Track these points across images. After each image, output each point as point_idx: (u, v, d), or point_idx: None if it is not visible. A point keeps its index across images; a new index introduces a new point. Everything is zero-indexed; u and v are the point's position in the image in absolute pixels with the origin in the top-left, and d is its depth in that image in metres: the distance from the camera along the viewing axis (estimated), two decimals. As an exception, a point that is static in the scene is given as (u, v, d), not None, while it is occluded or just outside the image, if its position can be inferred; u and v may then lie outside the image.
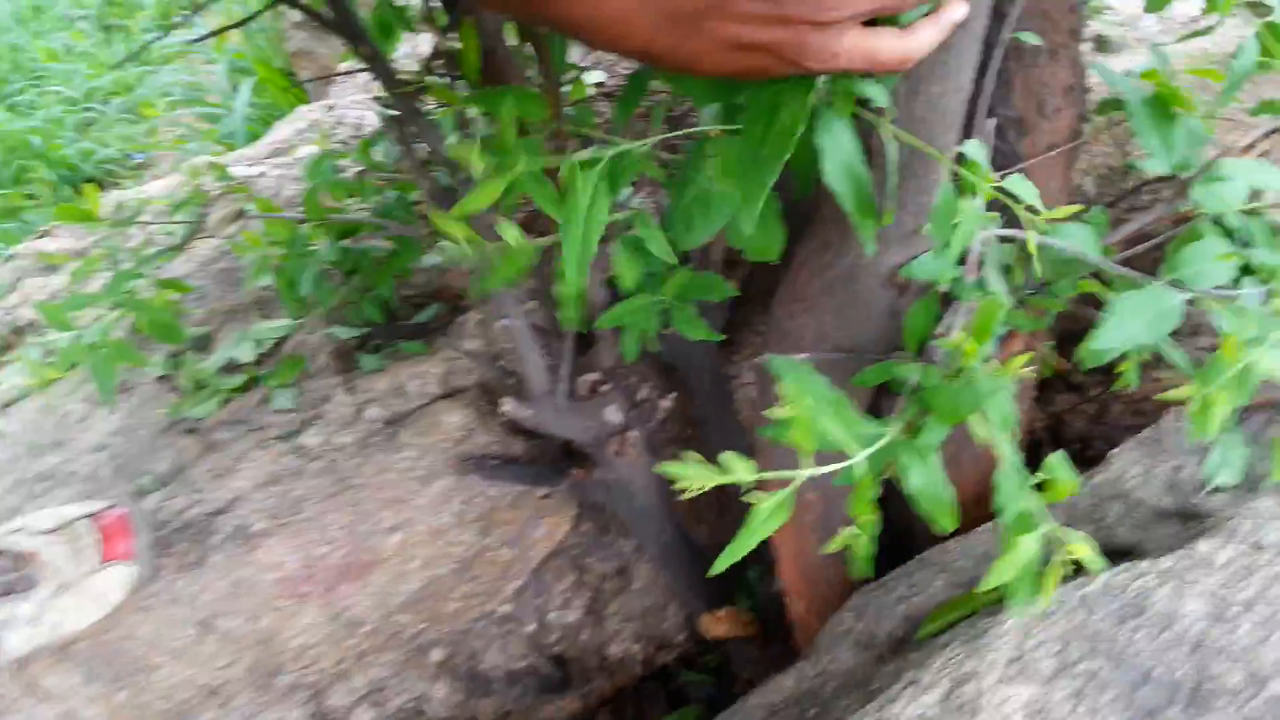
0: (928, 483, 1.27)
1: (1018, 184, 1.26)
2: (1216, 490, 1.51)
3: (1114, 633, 1.24)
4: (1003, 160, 1.54)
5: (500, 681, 2.45)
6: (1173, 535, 1.45)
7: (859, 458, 1.17)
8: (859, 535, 1.21)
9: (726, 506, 2.59)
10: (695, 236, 1.21)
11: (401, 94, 1.46)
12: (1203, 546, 1.32)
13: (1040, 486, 1.18)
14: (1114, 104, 1.59)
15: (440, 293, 2.18)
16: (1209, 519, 1.45)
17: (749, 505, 1.03)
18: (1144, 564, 1.34)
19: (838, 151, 1.07)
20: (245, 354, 2.19)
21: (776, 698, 1.79)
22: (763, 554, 2.64)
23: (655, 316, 1.56)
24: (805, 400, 1.10)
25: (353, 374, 2.07)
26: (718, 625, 2.28)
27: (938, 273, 1.43)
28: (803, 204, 1.87)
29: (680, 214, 1.19)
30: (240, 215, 2.57)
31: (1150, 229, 1.60)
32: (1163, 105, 1.42)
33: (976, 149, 1.23)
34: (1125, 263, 1.34)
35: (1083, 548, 1.16)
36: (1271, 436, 1.58)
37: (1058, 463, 1.26)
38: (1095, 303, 1.44)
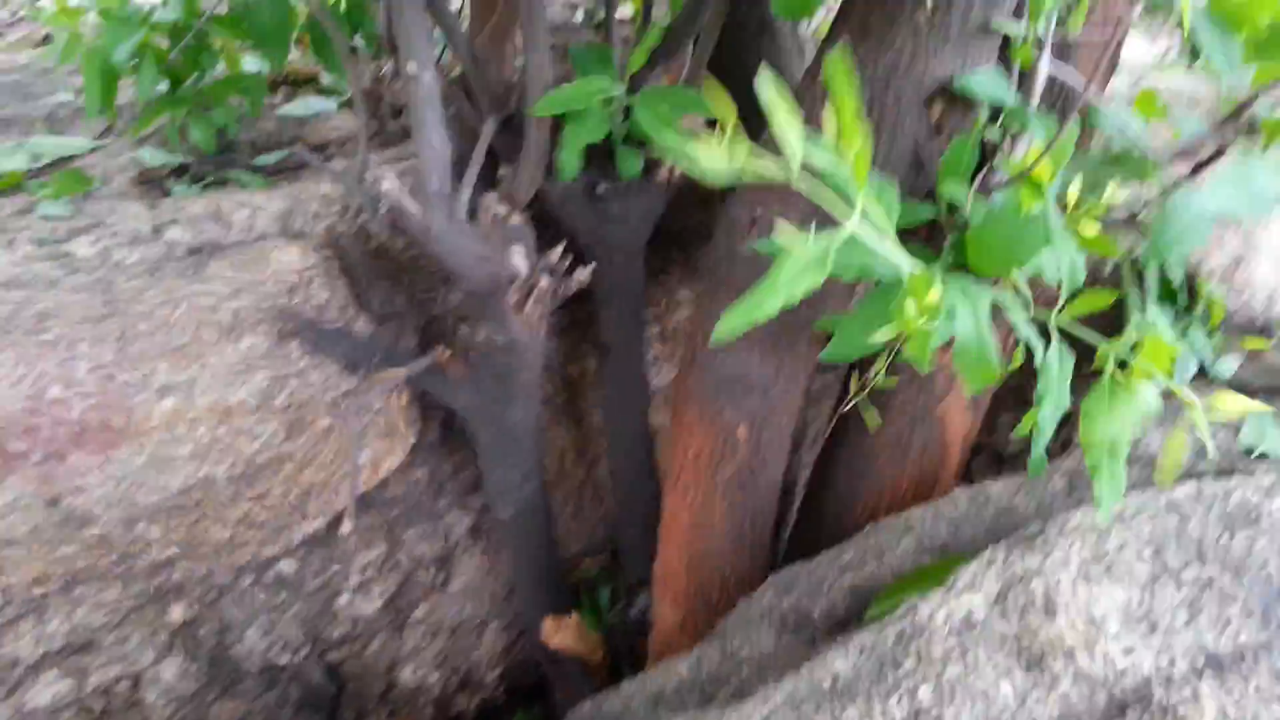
0: (970, 330, 0.92)
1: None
2: (1262, 457, 1.26)
3: (1224, 541, 0.89)
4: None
5: (253, 678, 1.84)
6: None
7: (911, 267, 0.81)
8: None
9: (594, 487, 2.11)
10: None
11: None
12: (1310, 469, 1.02)
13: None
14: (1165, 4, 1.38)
15: (291, 143, 1.71)
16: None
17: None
18: (1235, 479, 1.02)
19: None
20: (17, 163, 1.63)
21: (666, 685, 1.34)
22: (616, 575, 2.20)
23: (604, 121, 1.18)
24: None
25: (158, 198, 1.55)
26: (560, 633, 1.79)
27: (998, 92, 1.12)
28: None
29: None
30: (47, 39, 2.04)
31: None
32: (1227, 18, 1.26)
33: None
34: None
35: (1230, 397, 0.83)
36: None
37: (1153, 319, 0.94)
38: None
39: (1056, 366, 0.97)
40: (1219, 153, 1.35)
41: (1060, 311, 0.98)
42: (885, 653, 0.87)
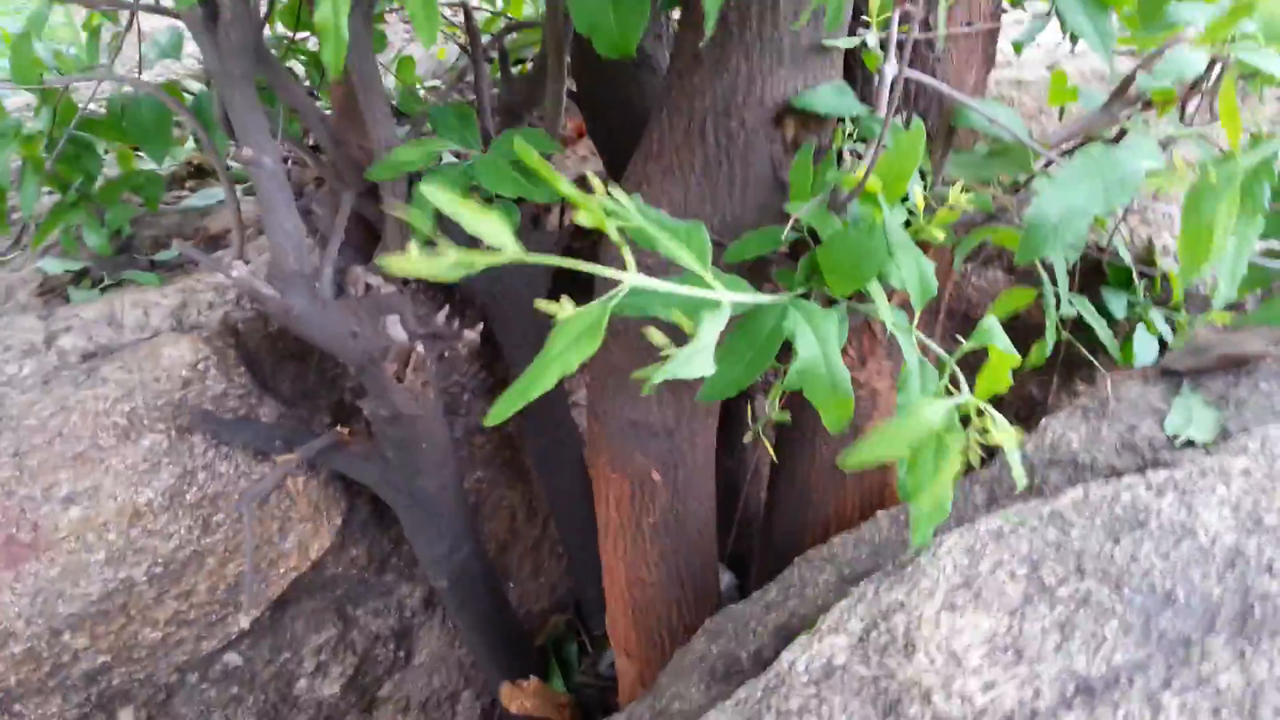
0: (817, 357, 0.88)
1: None
2: (1189, 444, 1.20)
3: (1107, 550, 0.84)
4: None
5: (222, 776, 1.80)
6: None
7: (725, 298, 0.77)
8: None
9: (535, 520, 2.06)
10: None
11: None
12: (1209, 461, 0.97)
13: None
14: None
15: (194, 235, 1.69)
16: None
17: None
18: (1128, 477, 0.97)
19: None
20: (-84, 287, 1.63)
21: (592, 749, 1.28)
22: (579, 627, 2.15)
23: (457, 179, 1.15)
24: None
25: (55, 307, 1.53)
26: (519, 698, 1.74)
27: (841, 106, 1.09)
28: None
29: None
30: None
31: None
32: None
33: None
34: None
35: (999, 424, 0.77)
36: (1235, 397, 1.30)
37: (990, 327, 0.89)
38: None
39: (917, 382, 0.92)
40: (1122, 132, 1.30)
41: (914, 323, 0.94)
42: (753, 709, 0.83)
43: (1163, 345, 1.90)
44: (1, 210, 1.54)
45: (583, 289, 1.87)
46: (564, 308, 0.67)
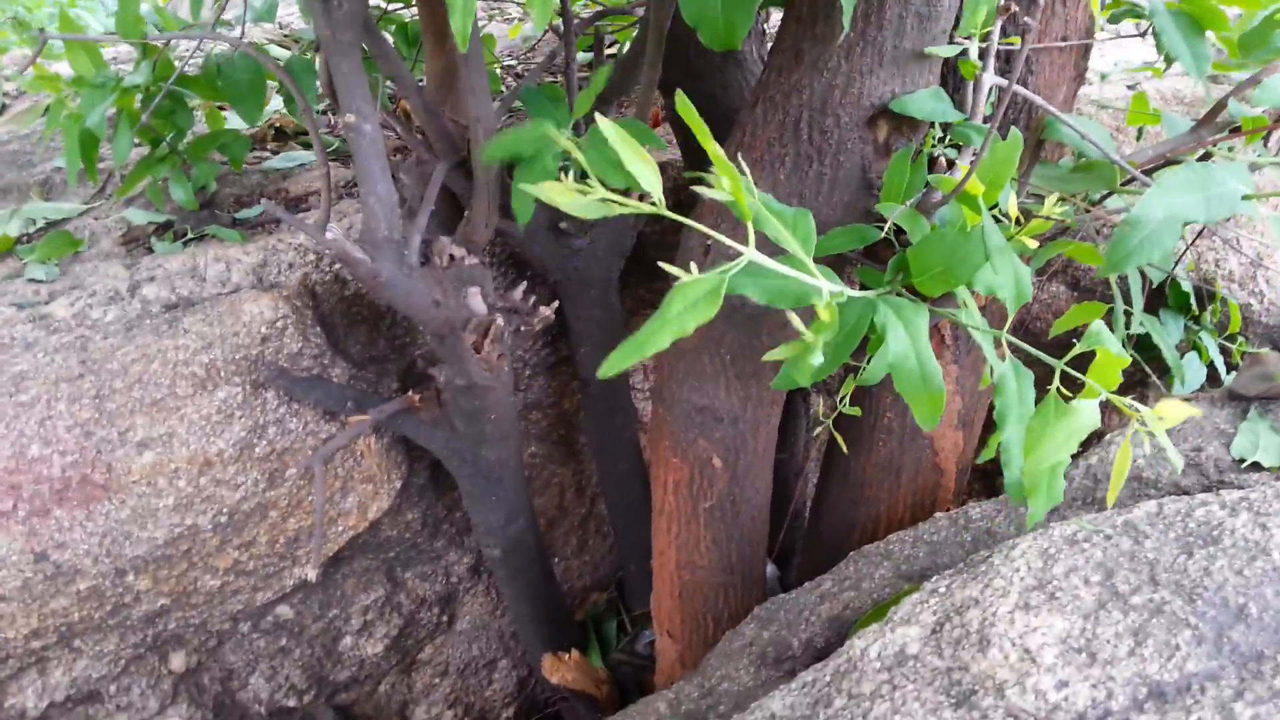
0: (908, 351, 0.90)
1: None
2: (1255, 467, 1.21)
3: (1181, 563, 0.86)
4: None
5: (261, 725, 1.84)
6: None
7: (825, 287, 0.79)
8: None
9: (584, 505, 2.09)
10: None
11: None
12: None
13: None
14: (1134, 11, 1.35)
15: (275, 196, 1.73)
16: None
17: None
18: (1201, 495, 0.98)
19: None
20: (11, 229, 1.67)
21: (642, 723, 1.31)
22: (622, 609, 2.18)
23: (553, 163, 1.17)
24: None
25: (140, 256, 1.58)
26: (560, 670, 1.77)
27: (938, 111, 1.10)
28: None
29: None
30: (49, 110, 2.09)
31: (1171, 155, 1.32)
32: (1192, 17, 1.23)
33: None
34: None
35: (1172, 405, 0.80)
36: None
37: (1098, 331, 0.91)
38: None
39: (1013, 384, 0.94)
40: (1206, 156, 1.30)
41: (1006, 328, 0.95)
42: (821, 691, 0.85)
43: (1211, 372, 1.90)
44: (92, 158, 1.58)
45: (646, 278, 1.90)
46: (687, 272, 0.70)
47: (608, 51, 2.32)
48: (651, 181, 0.65)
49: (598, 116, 0.66)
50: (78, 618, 1.49)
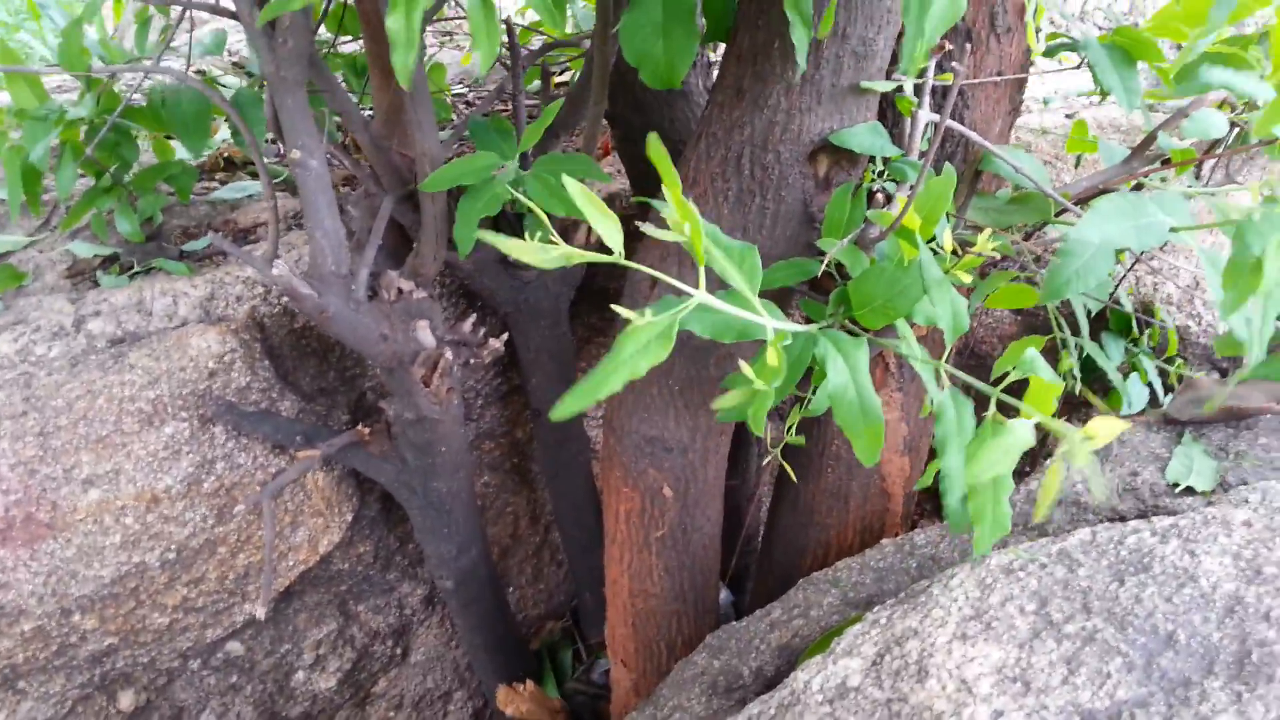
0: (847, 384, 0.92)
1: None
2: (1189, 491, 1.24)
3: (1113, 590, 0.88)
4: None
5: (214, 762, 1.81)
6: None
7: (769, 324, 0.81)
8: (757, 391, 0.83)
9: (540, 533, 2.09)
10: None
11: None
12: (1212, 511, 1.00)
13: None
14: (1069, 45, 1.39)
15: (222, 227, 1.72)
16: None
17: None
18: (1134, 521, 1.00)
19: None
20: (-52, 264, 1.65)
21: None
22: (578, 638, 2.18)
23: (498, 195, 1.18)
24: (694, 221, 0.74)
25: (85, 290, 1.56)
26: (516, 701, 1.76)
27: (875, 146, 1.13)
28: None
29: None
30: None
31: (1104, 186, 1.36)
32: (1125, 50, 1.27)
33: None
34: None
35: (1103, 422, 0.81)
36: (1234, 449, 1.34)
37: (1032, 359, 0.93)
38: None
39: (952, 412, 0.96)
40: (1139, 186, 1.34)
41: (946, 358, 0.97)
42: (766, 725, 0.86)
43: (1151, 394, 1.94)
44: (36, 191, 1.56)
45: (597, 306, 1.91)
46: (636, 309, 0.70)
47: (559, 80, 2.34)
48: (614, 237, 0.66)
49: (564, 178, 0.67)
50: (22, 659, 1.46)
